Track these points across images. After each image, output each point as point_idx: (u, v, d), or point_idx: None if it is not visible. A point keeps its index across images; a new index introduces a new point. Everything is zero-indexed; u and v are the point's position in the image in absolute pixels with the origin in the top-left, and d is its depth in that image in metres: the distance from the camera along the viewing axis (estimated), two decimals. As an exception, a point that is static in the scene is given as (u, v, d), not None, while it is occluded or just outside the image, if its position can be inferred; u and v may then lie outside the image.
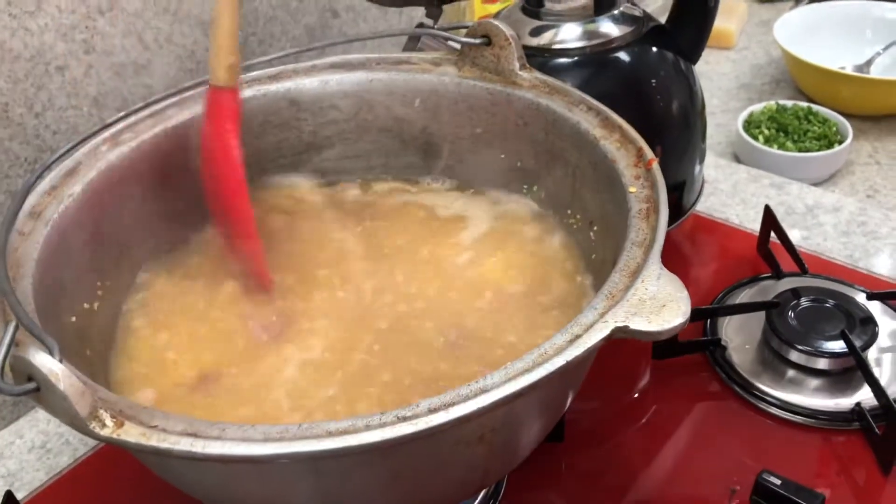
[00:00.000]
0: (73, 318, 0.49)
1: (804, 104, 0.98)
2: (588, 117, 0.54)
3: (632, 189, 0.47)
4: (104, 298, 0.53)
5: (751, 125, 0.97)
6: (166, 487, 0.48)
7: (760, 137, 0.95)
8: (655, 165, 0.48)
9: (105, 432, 0.35)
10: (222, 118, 0.54)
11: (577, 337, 0.37)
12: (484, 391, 0.35)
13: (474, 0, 0.93)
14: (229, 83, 0.54)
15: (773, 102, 0.99)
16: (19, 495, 0.60)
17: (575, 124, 0.54)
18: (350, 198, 0.64)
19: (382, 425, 0.34)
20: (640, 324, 0.38)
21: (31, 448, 0.65)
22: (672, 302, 0.38)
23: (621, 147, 0.51)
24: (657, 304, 0.38)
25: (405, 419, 0.34)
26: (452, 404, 0.35)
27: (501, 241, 0.58)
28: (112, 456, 0.64)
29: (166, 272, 0.57)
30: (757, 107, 1.00)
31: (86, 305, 0.51)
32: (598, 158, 0.51)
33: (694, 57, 0.72)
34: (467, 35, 0.59)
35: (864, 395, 0.62)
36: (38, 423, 0.67)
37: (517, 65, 0.58)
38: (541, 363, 0.36)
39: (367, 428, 0.34)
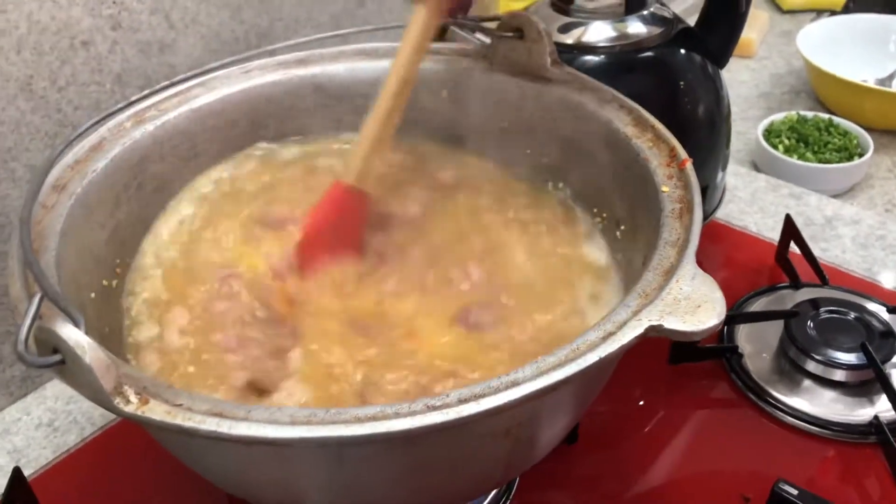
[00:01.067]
0: (93, 295, 0.48)
1: (825, 115, 0.98)
2: (620, 115, 0.53)
3: (664, 188, 0.46)
4: (122, 276, 0.52)
5: (771, 134, 0.97)
6: (173, 468, 0.48)
7: (780, 147, 0.95)
8: (689, 166, 0.47)
9: (129, 409, 0.34)
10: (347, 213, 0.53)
11: (611, 334, 0.37)
12: (515, 384, 0.35)
13: (499, -3, 0.92)
14: (356, 182, 0.54)
15: (793, 112, 0.99)
16: (25, 472, 0.59)
17: (606, 122, 0.53)
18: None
19: (412, 413, 0.34)
20: (674, 323, 0.37)
21: (39, 425, 0.65)
22: (707, 302, 0.38)
23: (654, 146, 0.50)
24: (692, 304, 0.38)
25: (435, 408, 0.34)
26: (483, 395, 0.34)
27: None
28: (119, 436, 0.64)
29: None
30: (777, 116, 0.99)
31: (105, 282, 0.50)
32: (629, 157, 0.51)
33: (722, 61, 0.72)
34: (499, 28, 0.59)
35: (881, 409, 0.61)
36: (46, 401, 0.67)
37: (548, 59, 0.57)
38: (573, 359, 0.36)
39: (397, 415, 0.34)
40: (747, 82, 1.17)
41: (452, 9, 0.55)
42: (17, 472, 0.55)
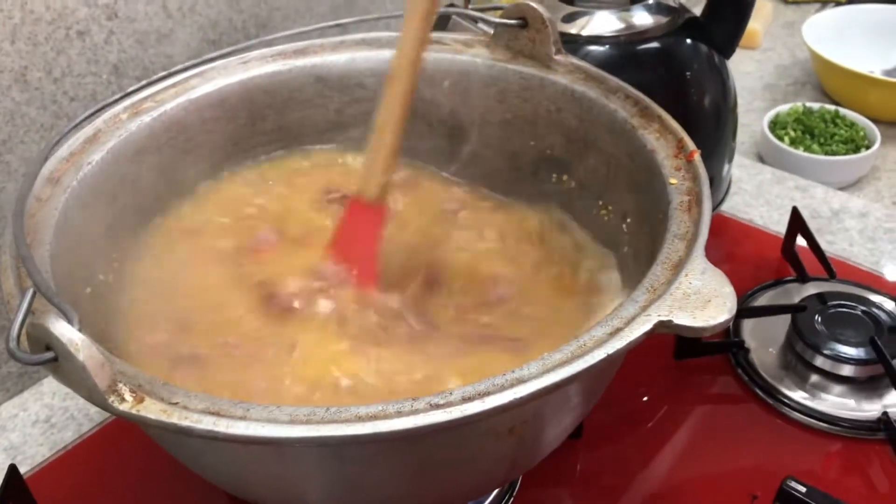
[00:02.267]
0: (89, 290, 0.47)
1: (831, 107, 0.96)
2: (626, 106, 0.52)
3: (672, 181, 0.45)
4: (119, 270, 0.51)
5: (776, 126, 0.96)
6: (172, 466, 0.47)
7: (786, 139, 0.93)
8: (697, 157, 0.46)
9: (124, 407, 0.33)
10: (364, 233, 0.52)
11: (619, 330, 0.36)
12: (520, 381, 0.34)
13: (501, -14, 0.91)
14: (378, 201, 0.52)
15: (799, 104, 0.98)
16: (22, 469, 0.58)
17: (612, 112, 0.52)
18: None
19: (414, 412, 0.33)
20: (684, 319, 0.36)
21: (35, 422, 0.64)
22: (717, 297, 0.37)
23: (661, 137, 0.49)
24: (702, 299, 0.37)
25: (438, 406, 0.33)
26: (488, 393, 0.33)
27: None
28: (116, 433, 0.63)
29: (180, 244, 0.55)
30: (783, 108, 0.98)
31: (101, 277, 0.49)
32: (635, 148, 0.50)
33: (728, 51, 0.71)
34: (502, 16, 0.58)
35: (890, 404, 0.60)
36: (43, 397, 0.66)
37: (553, 49, 0.56)
38: (580, 355, 0.35)
39: (399, 414, 0.33)
40: (752, 73, 1.16)
41: None
42: (12, 469, 0.54)
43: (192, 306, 0.50)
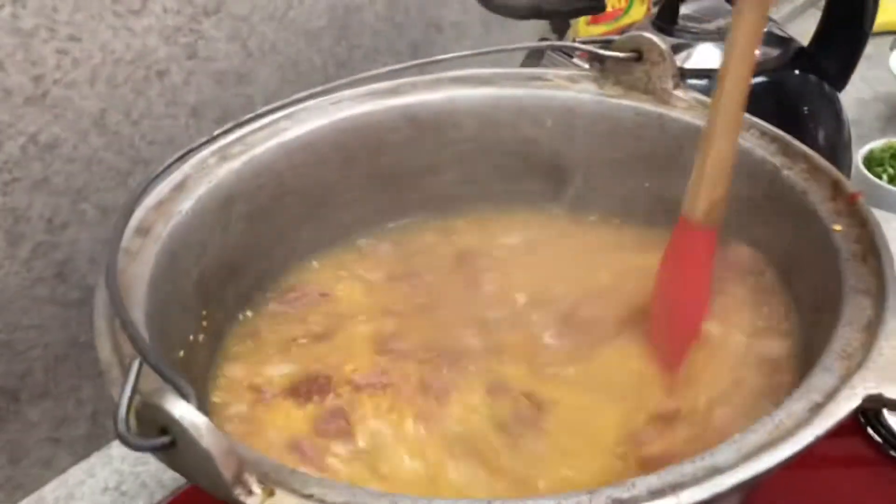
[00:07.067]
0: (182, 353, 0.43)
1: (930, 143, 0.91)
2: (762, 143, 0.47)
3: (836, 227, 0.40)
4: (208, 329, 0.47)
5: (872, 163, 0.90)
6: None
7: (885, 176, 0.88)
8: (861, 200, 0.41)
9: (252, 501, 0.28)
10: (693, 262, 0.46)
11: (819, 405, 0.31)
12: (717, 471, 0.28)
13: (579, 22, 0.87)
14: (708, 222, 0.44)
15: (894, 140, 0.92)
16: (93, 542, 0.54)
17: (747, 151, 0.47)
18: None
19: (595, 510, 0.28)
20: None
21: (105, 489, 0.59)
22: (928, 365, 0.32)
23: (810, 178, 0.44)
24: (910, 367, 0.32)
25: (621, 502, 0.28)
26: (680, 486, 0.28)
27: None
28: (191, 501, 0.58)
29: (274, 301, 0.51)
30: (876, 144, 0.92)
31: (191, 338, 0.45)
32: (780, 191, 0.45)
33: (841, 84, 0.66)
34: (614, 49, 0.53)
35: None
36: (112, 461, 0.61)
37: (671, 83, 0.52)
38: (781, 437, 0.29)
39: (577, 512, 0.28)
40: (831, 108, 1.11)
41: None
42: (87, 546, 0.49)
43: None
